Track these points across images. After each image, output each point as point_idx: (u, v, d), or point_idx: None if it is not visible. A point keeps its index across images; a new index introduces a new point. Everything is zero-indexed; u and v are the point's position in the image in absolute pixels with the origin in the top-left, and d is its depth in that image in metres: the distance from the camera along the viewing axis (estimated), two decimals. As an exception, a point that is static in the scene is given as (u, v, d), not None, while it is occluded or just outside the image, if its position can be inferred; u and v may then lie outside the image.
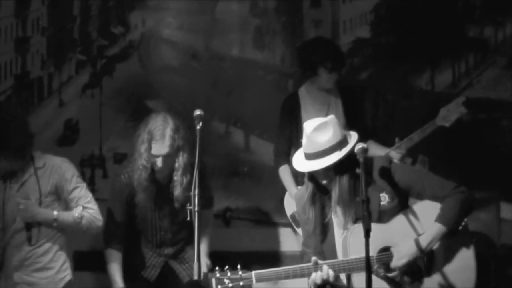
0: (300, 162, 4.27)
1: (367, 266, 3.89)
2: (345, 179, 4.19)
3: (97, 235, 5.26)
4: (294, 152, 4.40)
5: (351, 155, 4.15)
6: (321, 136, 4.17)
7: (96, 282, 6.27)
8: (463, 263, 4.29)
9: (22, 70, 6.72)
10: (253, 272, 4.17)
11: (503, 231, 6.07)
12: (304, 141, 4.24)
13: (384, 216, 4.25)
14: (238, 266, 4.17)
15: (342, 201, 4.21)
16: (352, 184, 4.19)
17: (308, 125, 4.23)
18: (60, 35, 6.74)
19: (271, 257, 6.34)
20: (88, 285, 6.28)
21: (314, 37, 5.88)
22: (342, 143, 4.19)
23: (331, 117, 4.29)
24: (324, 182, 4.24)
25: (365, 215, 3.91)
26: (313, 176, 4.28)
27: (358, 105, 5.73)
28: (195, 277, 3.97)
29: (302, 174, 5.71)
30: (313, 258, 4.19)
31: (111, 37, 6.75)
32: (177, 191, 5.18)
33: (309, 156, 4.20)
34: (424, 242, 4.21)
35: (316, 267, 4.16)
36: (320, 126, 4.19)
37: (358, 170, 4.12)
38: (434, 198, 4.27)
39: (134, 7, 6.74)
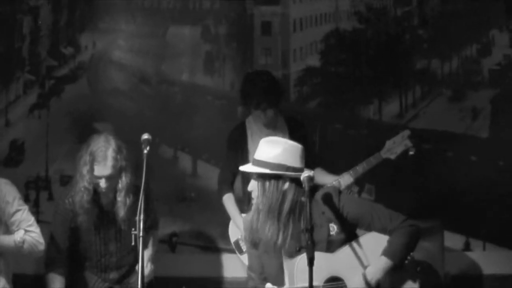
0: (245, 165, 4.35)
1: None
2: (269, 189, 4.20)
3: (40, 258, 5.18)
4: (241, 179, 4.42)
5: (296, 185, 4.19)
6: (265, 148, 4.23)
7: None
8: None
9: (-33, 89, 6.64)
10: None
11: (447, 260, 6.14)
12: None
13: (332, 246, 4.28)
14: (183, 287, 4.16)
15: (263, 211, 4.23)
16: (277, 197, 4.21)
17: (269, 137, 4.34)
18: (8, 53, 6.67)
19: (216, 283, 6.34)
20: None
21: (255, 71, 5.87)
22: (277, 166, 4.19)
23: (295, 145, 4.29)
24: (249, 189, 4.27)
25: (309, 244, 3.92)
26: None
27: (305, 135, 5.68)
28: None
29: (248, 202, 5.75)
30: (268, 285, 4.19)
31: (60, 58, 6.71)
32: (121, 212, 5.14)
33: (253, 162, 4.26)
34: (370, 275, 4.25)
35: None
36: (272, 141, 4.27)
37: (303, 199, 4.14)
38: (382, 231, 4.31)
39: (84, 29, 6.71)
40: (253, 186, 4.26)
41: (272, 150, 4.22)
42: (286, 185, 4.21)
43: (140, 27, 6.65)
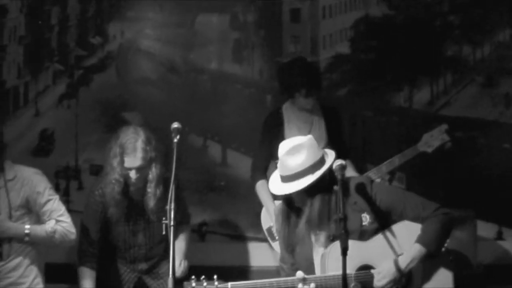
0: (275, 183, 4.28)
1: (344, 283, 3.87)
2: (316, 203, 4.18)
3: (71, 248, 5.20)
4: (273, 167, 4.39)
5: (328, 173, 4.14)
6: (292, 160, 4.16)
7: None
8: (442, 285, 4.27)
9: (-3, 79, 6.66)
10: (229, 284, 4.15)
11: (479, 250, 6.08)
12: (278, 163, 4.23)
13: (364, 236, 4.24)
14: (215, 277, 4.15)
15: (310, 224, 4.19)
16: (323, 207, 4.18)
17: (282, 147, 4.23)
18: (37, 44, 6.69)
19: (246, 272, 6.32)
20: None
21: (291, 59, 5.85)
22: (317, 165, 4.17)
23: (307, 138, 4.27)
24: (298, 204, 4.24)
25: (342, 233, 3.89)
26: (287, 197, 4.27)
27: (340, 123, 5.73)
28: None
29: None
30: (299, 273, 4.15)
31: (89, 48, 6.72)
32: (151, 203, 5.14)
33: (283, 179, 4.21)
34: (403, 263, 4.21)
35: (304, 282, 4.13)
36: (292, 150, 4.18)
37: (336, 187, 4.10)
38: (415, 219, 4.26)
39: (112, 18, 6.71)
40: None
41: (298, 157, 4.16)
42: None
43: (168, 16, 6.63)
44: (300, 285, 4.14)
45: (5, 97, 6.66)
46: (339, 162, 4.07)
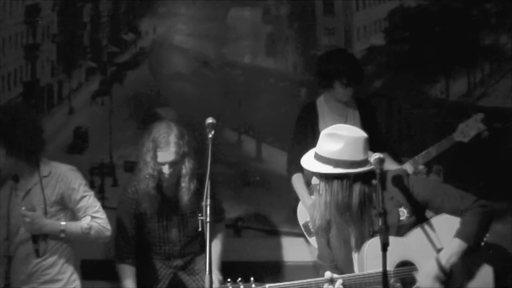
0: (307, 157, 4.22)
1: (384, 281, 3.79)
2: (356, 191, 4.10)
3: (107, 243, 5.20)
4: None
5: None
6: (327, 144, 4.12)
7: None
8: (482, 280, 4.19)
9: (31, 77, 6.68)
10: (267, 285, 4.10)
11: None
12: (318, 140, 4.19)
13: (402, 230, 4.17)
14: (252, 279, 4.10)
15: (330, 212, 4.12)
16: (363, 198, 4.10)
17: (328, 129, 4.19)
18: (70, 41, 6.70)
19: (282, 268, 6.28)
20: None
21: (333, 49, 5.82)
22: (343, 163, 4.09)
23: (357, 137, 4.17)
24: (313, 183, 4.17)
25: (382, 228, 3.82)
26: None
27: (374, 116, 5.69)
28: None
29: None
30: (327, 273, 4.10)
31: (121, 44, 6.71)
32: (185, 198, 5.12)
33: (315, 156, 4.15)
34: (444, 259, 4.12)
35: (331, 282, 4.07)
36: (332, 136, 4.14)
37: (374, 181, 4.04)
38: (453, 212, 4.18)
39: (144, 14, 6.69)
40: (316, 181, 4.17)
41: (335, 145, 4.10)
42: (351, 180, 4.10)
43: (200, 10, 6.60)
44: (326, 285, 4.08)
45: (40, 95, 6.68)
46: (377, 155, 4.00)
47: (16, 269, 4.95)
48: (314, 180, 4.19)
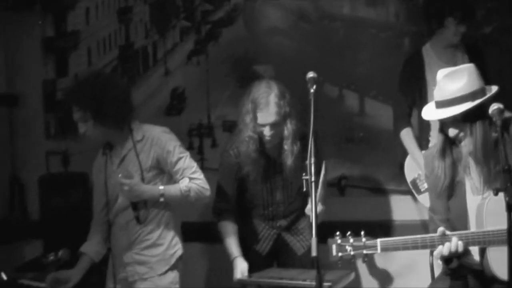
0: (428, 110, 3.99)
1: (510, 240, 3.46)
2: (479, 129, 3.84)
3: (205, 205, 5.12)
4: (417, 114, 4.11)
5: (485, 109, 3.79)
6: (451, 84, 3.88)
7: (206, 254, 6.23)
8: None
9: (126, 41, 6.65)
10: (379, 240, 3.92)
11: None
12: (435, 88, 3.95)
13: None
14: (362, 233, 3.94)
15: (476, 155, 3.85)
16: (489, 136, 3.82)
17: (442, 72, 3.96)
18: (163, 2, 6.61)
19: (388, 227, 6.09)
20: (198, 256, 6.22)
21: None
22: (477, 93, 3.86)
23: (469, 64, 3.97)
24: (452, 135, 3.92)
25: (509, 186, 3.49)
26: (444, 127, 3.98)
27: (484, 62, 5.38)
28: (314, 254, 3.68)
29: (426, 138, 5.44)
30: (440, 229, 3.87)
31: (215, 1, 6.57)
32: (289, 160, 5.00)
33: (438, 104, 3.91)
34: None
35: (444, 238, 3.84)
36: (452, 74, 3.91)
37: (494, 134, 3.75)
38: None
39: (238, -31, 6.53)
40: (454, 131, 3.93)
41: (459, 80, 3.87)
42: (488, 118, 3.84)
43: (294, -38, 6.39)
44: (445, 244, 3.84)
45: (135, 58, 6.65)
46: (496, 105, 3.71)
47: (116, 236, 4.92)
48: (452, 132, 3.93)
